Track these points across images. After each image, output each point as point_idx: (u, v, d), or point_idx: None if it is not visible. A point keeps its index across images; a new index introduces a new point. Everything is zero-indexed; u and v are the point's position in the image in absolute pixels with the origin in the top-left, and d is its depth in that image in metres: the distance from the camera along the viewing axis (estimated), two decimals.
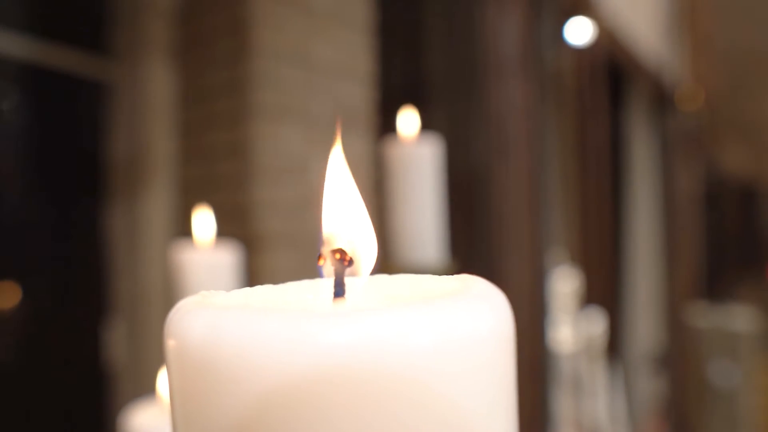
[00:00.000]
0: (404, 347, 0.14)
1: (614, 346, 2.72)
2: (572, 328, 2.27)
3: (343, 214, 0.21)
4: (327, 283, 0.20)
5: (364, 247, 0.20)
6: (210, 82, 1.26)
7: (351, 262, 0.19)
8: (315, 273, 0.21)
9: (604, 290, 2.63)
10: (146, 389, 1.00)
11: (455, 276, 0.19)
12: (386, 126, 1.28)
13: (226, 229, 0.93)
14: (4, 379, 1.23)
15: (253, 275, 1.10)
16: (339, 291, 0.18)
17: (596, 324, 2.41)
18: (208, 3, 1.27)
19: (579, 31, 2.41)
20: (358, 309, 0.14)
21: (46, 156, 1.34)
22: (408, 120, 0.74)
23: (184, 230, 1.21)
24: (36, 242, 1.32)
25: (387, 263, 0.73)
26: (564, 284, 2.29)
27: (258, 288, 0.20)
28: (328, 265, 0.19)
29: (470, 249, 1.83)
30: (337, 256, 0.19)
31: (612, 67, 2.86)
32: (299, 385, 0.14)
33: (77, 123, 1.40)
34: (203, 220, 0.73)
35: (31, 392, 1.26)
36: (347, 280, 0.19)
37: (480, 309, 0.15)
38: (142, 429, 0.51)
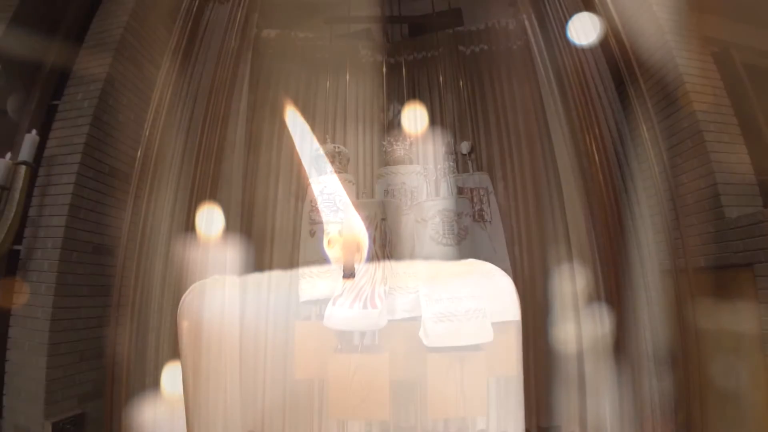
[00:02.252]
0: (415, 320, 0.14)
1: (620, 345, 2.72)
2: (577, 327, 2.27)
3: (339, 205, 0.21)
4: (336, 267, 0.20)
5: (364, 235, 0.21)
6: (215, 80, 1.26)
7: (359, 246, 0.19)
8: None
9: (610, 288, 2.62)
10: (152, 384, 1.01)
11: (463, 261, 0.20)
12: (390, 123, 1.28)
13: (231, 225, 0.93)
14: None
15: (257, 270, 1.10)
16: (348, 273, 0.19)
17: (602, 322, 2.40)
18: (212, 2, 1.28)
19: (584, 30, 2.41)
20: (367, 286, 0.15)
21: (51, 152, 1.35)
22: (413, 115, 0.74)
23: (190, 227, 1.21)
24: (42, 239, 1.32)
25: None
26: (569, 282, 2.28)
27: (268, 273, 0.21)
28: (336, 250, 0.20)
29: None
30: (346, 240, 0.19)
31: (617, 65, 2.85)
32: (312, 359, 0.14)
33: (83, 120, 1.41)
34: (209, 216, 0.74)
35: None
36: (356, 266, 0.20)
37: (485, 287, 0.16)
38: (147, 422, 0.52)
